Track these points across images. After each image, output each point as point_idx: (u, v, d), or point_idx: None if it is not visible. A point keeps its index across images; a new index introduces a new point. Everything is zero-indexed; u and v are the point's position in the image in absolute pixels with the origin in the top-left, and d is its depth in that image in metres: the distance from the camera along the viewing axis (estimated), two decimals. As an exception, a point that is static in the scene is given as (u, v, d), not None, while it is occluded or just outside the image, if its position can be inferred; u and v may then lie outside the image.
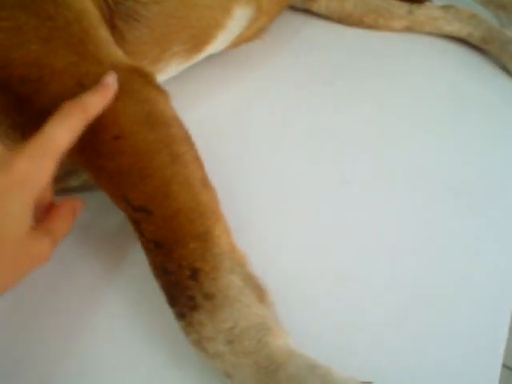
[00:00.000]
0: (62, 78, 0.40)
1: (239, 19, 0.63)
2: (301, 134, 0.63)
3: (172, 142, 0.42)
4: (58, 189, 0.52)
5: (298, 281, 0.48)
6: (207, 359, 0.38)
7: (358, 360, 0.43)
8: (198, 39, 0.59)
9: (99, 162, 0.41)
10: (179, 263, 0.39)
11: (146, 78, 0.45)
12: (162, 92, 0.45)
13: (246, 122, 0.64)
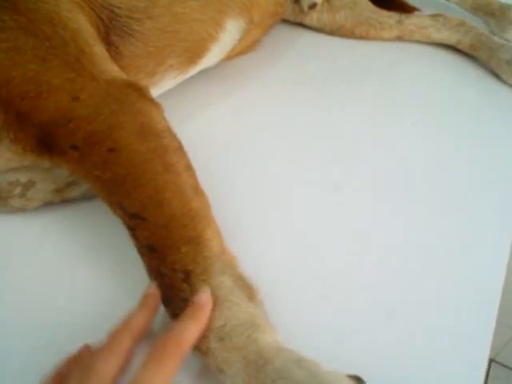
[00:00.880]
0: (59, 94, 0.43)
1: (231, 31, 0.66)
2: (294, 142, 0.65)
3: (164, 152, 0.45)
4: (59, 200, 0.54)
5: (290, 281, 0.50)
6: (200, 356, 0.40)
7: (347, 355, 0.44)
8: (192, 52, 0.62)
9: (96, 172, 0.44)
10: (173, 267, 0.41)
11: (139, 92, 0.47)
12: (155, 104, 0.48)
13: (240, 131, 0.66)
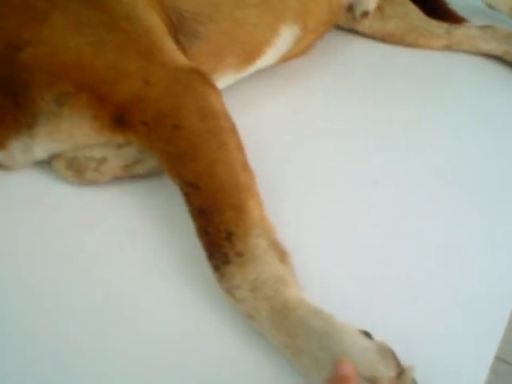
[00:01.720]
0: (133, 79, 0.52)
1: (286, 37, 0.73)
2: (338, 139, 0.71)
3: (220, 132, 0.53)
4: (126, 175, 0.63)
5: (324, 260, 0.56)
6: (234, 303, 0.48)
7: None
8: (249, 54, 0.70)
9: (161, 145, 0.52)
10: (218, 227, 0.49)
11: (202, 78, 0.56)
12: (215, 89, 0.56)
13: (290, 128, 0.73)
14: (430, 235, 0.60)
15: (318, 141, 0.70)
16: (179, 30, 0.60)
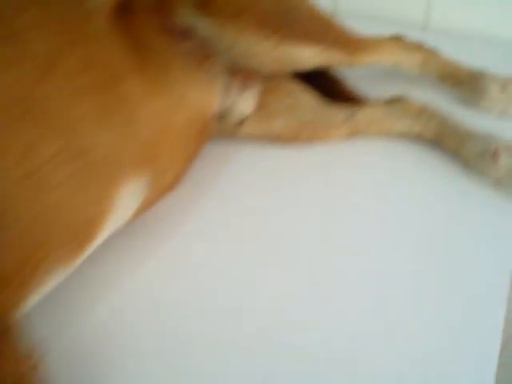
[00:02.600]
0: None
1: (131, 195, 0.56)
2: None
3: None
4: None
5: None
6: None
7: None
8: (78, 239, 0.52)
9: None
10: None
11: None
12: None
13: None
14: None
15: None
16: None
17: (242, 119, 0.69)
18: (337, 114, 0.72)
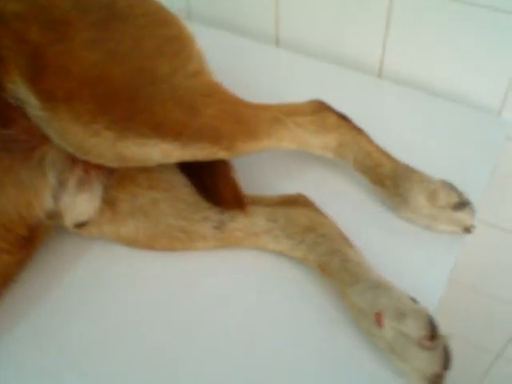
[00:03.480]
0: None
1: None
2: None
3: None
4: None
5: None
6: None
7: None
8: None
9: None
10: None
11: None
12: None
13: None
14: None
15: None
16: None
17: (80, 223, 0.56)
18: (203, 221, 0.57)
